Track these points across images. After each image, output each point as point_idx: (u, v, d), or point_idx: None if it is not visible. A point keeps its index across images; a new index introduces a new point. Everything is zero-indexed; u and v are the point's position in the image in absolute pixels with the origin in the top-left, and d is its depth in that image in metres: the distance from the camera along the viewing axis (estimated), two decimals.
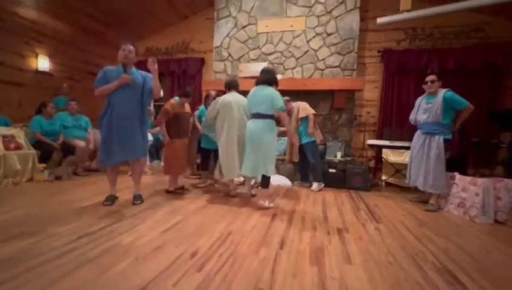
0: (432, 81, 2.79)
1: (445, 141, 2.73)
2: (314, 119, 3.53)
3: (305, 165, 3.78)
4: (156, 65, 2.43)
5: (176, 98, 3.09)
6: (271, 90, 2.65)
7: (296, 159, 3.76)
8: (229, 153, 2.83)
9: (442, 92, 2.73)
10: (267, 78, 2.69)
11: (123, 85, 2.37)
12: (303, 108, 3.57)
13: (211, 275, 1.36)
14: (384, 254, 1.70)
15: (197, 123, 3.65)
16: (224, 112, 2.87)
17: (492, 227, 2.33)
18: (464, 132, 3.76)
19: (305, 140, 3.58)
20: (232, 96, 2.90)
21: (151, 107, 4.41)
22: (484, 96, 4.28)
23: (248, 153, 2.68)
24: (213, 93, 3.57)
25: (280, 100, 2.63)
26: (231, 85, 2.98)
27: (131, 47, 2.42)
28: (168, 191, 3.06)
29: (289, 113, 3.45)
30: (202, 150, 3.60)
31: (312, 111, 3.54)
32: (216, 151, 3.18)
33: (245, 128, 2.78)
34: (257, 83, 2.73)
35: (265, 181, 2.66)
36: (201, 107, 3.74)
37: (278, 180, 3.85)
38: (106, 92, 2.39)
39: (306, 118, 3.54)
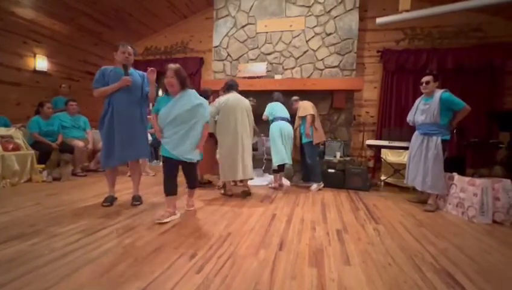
0: (427, 82, 2.78)
1: (443, 141, 2.73)
2: (312, 120, 3.53)
3: (306, 165, 3.79)
4: (155, 75, 2.46)
5: None
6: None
7: (297, 157, 3.79)
8: (234, 155, 2.87)
9: (438, 92, 2.73)
10: (279, 98, 3.75)
11: (123, 86, 2.38)
12: (303, 107, 3.60)
13: (210, 276, 1.36)
14: (383, 255, 1.70)
15: (154, 120, 2.27)
16: (228, 113, 2.89)
17: (490, 227, 2.33)
18: (462, 132, 3.76)
19: (304, 140, 3.61)
20: (234, 97, 2.95)
21: (150, 107, 4.35)
22: (483, 96, 4.29)
23: (281, 147, 3.47)
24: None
25: None
26: (230, 86, 3.05)
27: (131, 49, 2.43)
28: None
29: (296, 111, 3.71)
30: (164, 161, 2.24)
31: (310, 112, 3.53)
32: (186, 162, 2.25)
33: (247, 130, 2.97)
34: (275, 100, 3.71)
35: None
36: (162, 95, 2.40)
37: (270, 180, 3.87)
38: (106, 94, 2.39)
39: (305, 117, 3.56)
